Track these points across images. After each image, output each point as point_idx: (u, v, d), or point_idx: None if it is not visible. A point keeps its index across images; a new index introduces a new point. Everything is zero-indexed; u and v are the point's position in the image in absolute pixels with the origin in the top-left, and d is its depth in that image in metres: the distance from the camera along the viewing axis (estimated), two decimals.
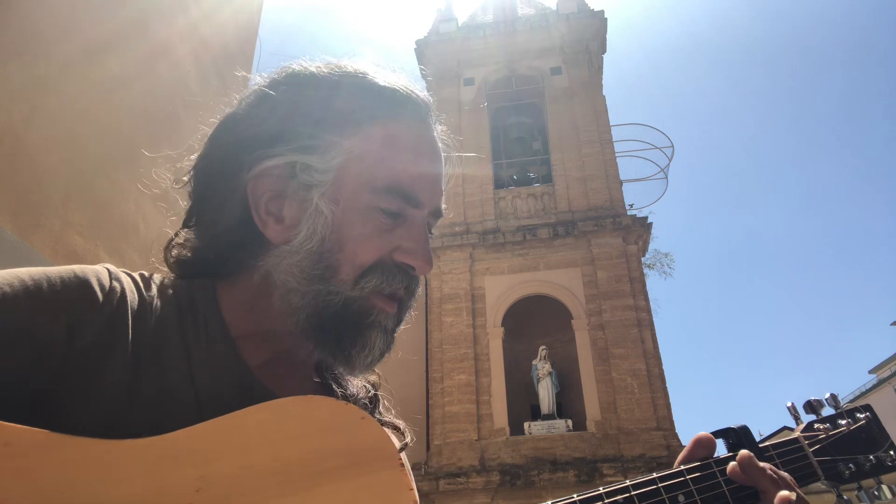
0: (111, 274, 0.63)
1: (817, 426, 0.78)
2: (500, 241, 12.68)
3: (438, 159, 0.72)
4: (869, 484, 0.76)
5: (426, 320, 12.31)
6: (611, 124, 14.17)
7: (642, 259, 13.03)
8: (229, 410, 0.54)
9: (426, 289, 12.46)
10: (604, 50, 15.42)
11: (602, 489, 0.64)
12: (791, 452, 0.74)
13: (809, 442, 0.75)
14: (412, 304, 0.71)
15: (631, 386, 10.95)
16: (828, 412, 0.79)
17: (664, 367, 11.30)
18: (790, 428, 0.83)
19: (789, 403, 0.79)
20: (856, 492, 0.76)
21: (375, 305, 0.66)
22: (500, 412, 11.20)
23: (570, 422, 11.13)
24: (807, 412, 0.79)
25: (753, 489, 0.67)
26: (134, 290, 0.63)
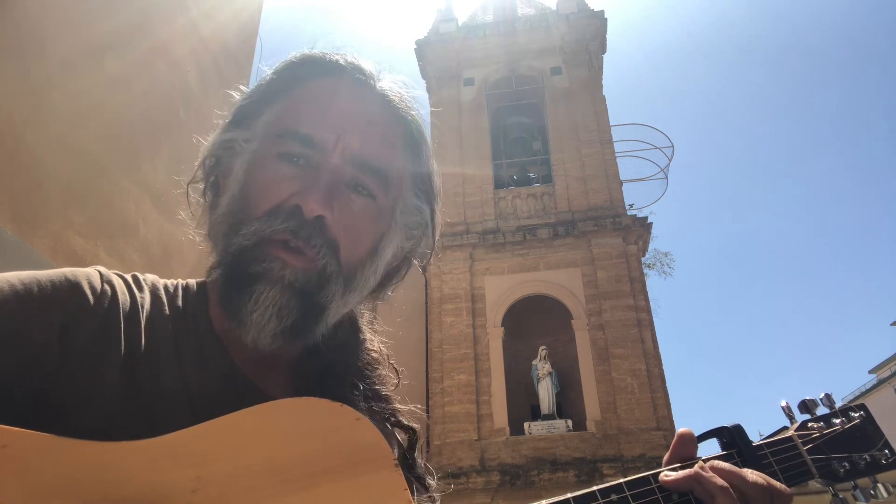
0: (103, 276, 0.63)
1: (811, 425, 0.77)
2: (500, 241, 12.67)
3: (356, 109, 0.70)
4: (864, 483, 0.76)
5: (426, 320, 12.31)
6: (611, 124, 14.16)
7: (642, 259, 13.03)
8: (220, 408, 0.54)
9: (426, 289, 12.47)
10: (604, 50, 15.42)
11: (596, 488, 0.63)
12: (785, 451, 0.74)
13: (803, 440, 0.75)
14: (325, 255, 0.64)
15: (631, 386, 10.95)
16: (822, 412, 0.79)
17: (664, 367, 11.30)
18: (789, 428, 0.83)
19: (783, 403, 0.79)
20: (851, 491, 0.76)
21: (269, 253, 0.62)
22: (500, 412, 11.20)
23: (570, 422, 11.12)
24: (801, 412, 0.79)
25: None
26: (126, 293, 0.63)
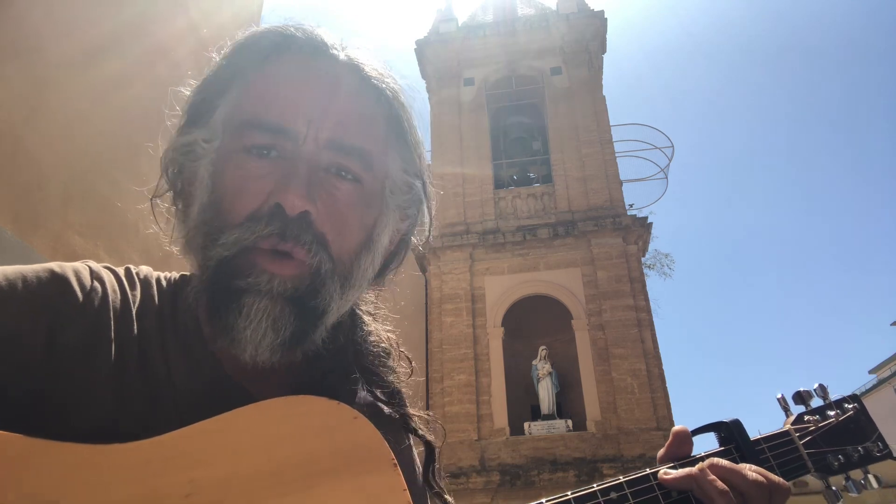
0: (92, 272, 0.60)
1: (807, 418, 0.78)
2: (500, 241, 12.67)
3: (324, 86, 0.63)
4: (856, 475, 0.76)
5: (426, 320, 12.30)
6: (611, 124, 14.16)
7: (642, 259, 13.02)
8: (205, 410, 0.52)
9: (426, 289, 12.46)
10: (604, 50, 15.42)
11: (596, 486, 0.63)
12: (782, 445, 0.74)
13: (800, 434, 0.75)
14: (316, 252, 0.58)
15: (631, 386, 10.94)
16: (817, 403, 0.79)
17: (664, 367, 11.31)
18: (786, 421, 0.83)
19: (779, 395, 0.79)
20: (844, 482, 0.76)
21: (256, 264, 0.57)
22: (500, 412, 11.19)
23: (570, 422, 11.12)
24: (796, 402, 0.79)
25: None
26: (117, 289, 0.60)
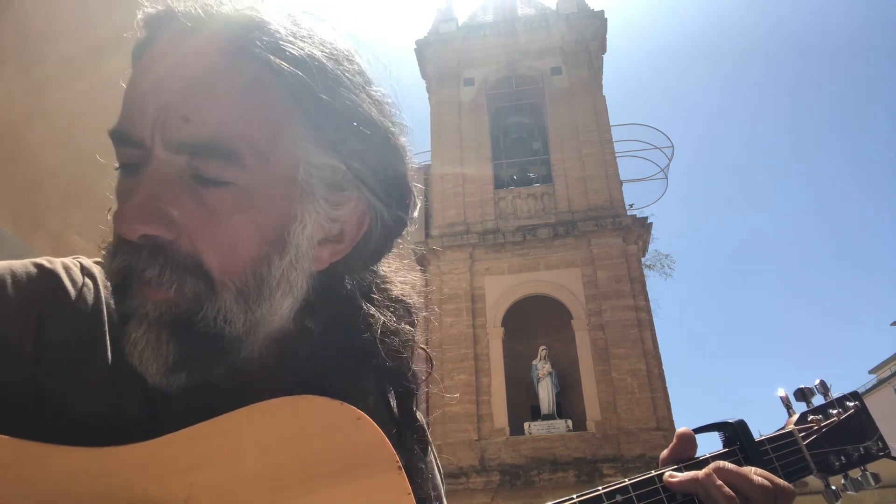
0: (83, 268, 0.58)
1: (810, 417, 0.77)
2: (500, 242, 12.67)
3: (173, 75, 0.51)
4: (854, 473, 0.76)
5: (426, 320, 12.29)
6: (611, 124, 14.18)
7: (642, 259, 13.03)
8: (204, 410, 0.50)
9: (426, 289, 12.45)
10: (604, 50, 15.42)
11: (602, 489, 0.62)
12: (785, 447, 0.73)
13: (803, 434, 0.75)
14: (176, 279, 0.49)
15: (631, 386, 10.95)
16: (818, 399, 0.79)
17: (664, 367, 11.32)
18: (789, 421, 0.83)
19: (781, 393, 0.79)
20: (843, 481, 0.76)
21: (132, 287, 0.51)
22: (500, 412, 11.20)
23: (570, 422, 11.13)
24: (798, 399, 0.79)
25: None
26: (109, 285, 0.57)
